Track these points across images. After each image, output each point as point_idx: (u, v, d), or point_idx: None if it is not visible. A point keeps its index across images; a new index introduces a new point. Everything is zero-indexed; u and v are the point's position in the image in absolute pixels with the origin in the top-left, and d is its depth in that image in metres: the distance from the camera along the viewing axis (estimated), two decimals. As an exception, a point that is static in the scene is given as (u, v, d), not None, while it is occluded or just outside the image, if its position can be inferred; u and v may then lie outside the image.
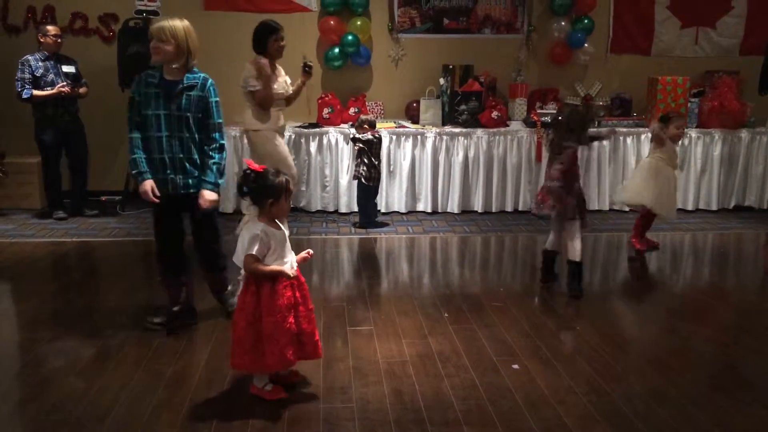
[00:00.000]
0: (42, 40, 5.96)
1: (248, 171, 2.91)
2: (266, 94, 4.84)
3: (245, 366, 2.98)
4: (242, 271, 2.98)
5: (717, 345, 3.74)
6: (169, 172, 3.52)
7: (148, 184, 3.47)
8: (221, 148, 3.58)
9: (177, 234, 3.71)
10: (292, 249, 3.05)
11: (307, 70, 5.12)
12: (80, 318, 3.94)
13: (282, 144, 5.13)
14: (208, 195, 3.54)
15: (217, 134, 3.57)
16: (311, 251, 3.18)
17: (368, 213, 6.03)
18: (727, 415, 2.91)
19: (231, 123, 6.71)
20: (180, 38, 3.44)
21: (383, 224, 6.11)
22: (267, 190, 2.89)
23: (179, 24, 3.47)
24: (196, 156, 3.55)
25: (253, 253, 2.87)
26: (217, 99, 3.58)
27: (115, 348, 3.52)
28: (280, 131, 5.13)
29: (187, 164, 3.54)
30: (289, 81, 5.14)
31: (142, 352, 3.47)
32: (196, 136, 3.54)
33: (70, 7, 6.72)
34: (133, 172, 3.53)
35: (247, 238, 2.89)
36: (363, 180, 5.84)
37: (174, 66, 3.47)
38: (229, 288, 3.95)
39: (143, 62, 3.53)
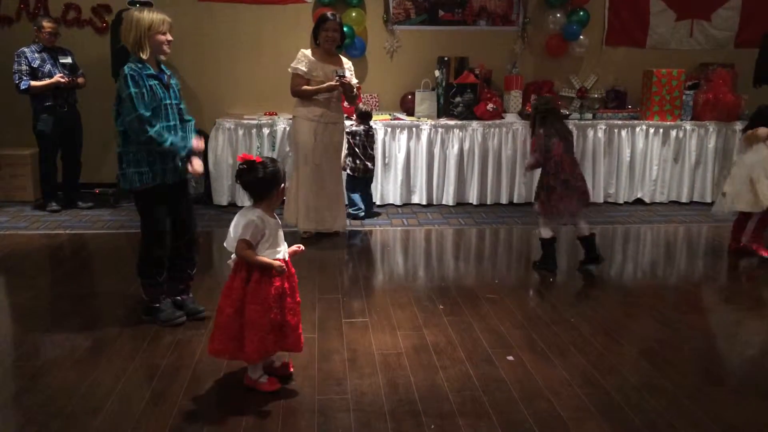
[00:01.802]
0: (37, 34, 5.95)
1: (244, 162, 2.91)
2: (296, 82, 5.13)
3: (225, 353, 2.97)
4: (232, 256, 2.96)
5: (711, 337, 3.75)
6: (177, 159, 3.57)
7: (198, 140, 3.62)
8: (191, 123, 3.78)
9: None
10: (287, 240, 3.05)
11: (338, 76, 5.05)
12: (74, 310, 3.93)
13: (309, 133, 5.15)
14: (200, 163, 3.68)
15: (187, 114, 3.72)
16: (302, 246, 3.14)
17: (356, 204, 6.00)
18: (721, 407, 2.92)
19: (222, 114, 6.71)
20: None
21: (375, 214, 6.10)
22: (264, 180, 2.89)
23: None
24: None
25: (247, 238, 2.86)
26: None
27: (109, 340, 3.51)
28: (317, 120, 5.14)
29: None
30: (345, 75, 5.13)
31: (137, 345, 3.46)
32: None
33: (63, -2, 6.67)
34: (181, 145, 3.49)
35: (243, 223, 2.88)
36: (350, 171, 5.84)
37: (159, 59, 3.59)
38: (190, 295, 3.89)
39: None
